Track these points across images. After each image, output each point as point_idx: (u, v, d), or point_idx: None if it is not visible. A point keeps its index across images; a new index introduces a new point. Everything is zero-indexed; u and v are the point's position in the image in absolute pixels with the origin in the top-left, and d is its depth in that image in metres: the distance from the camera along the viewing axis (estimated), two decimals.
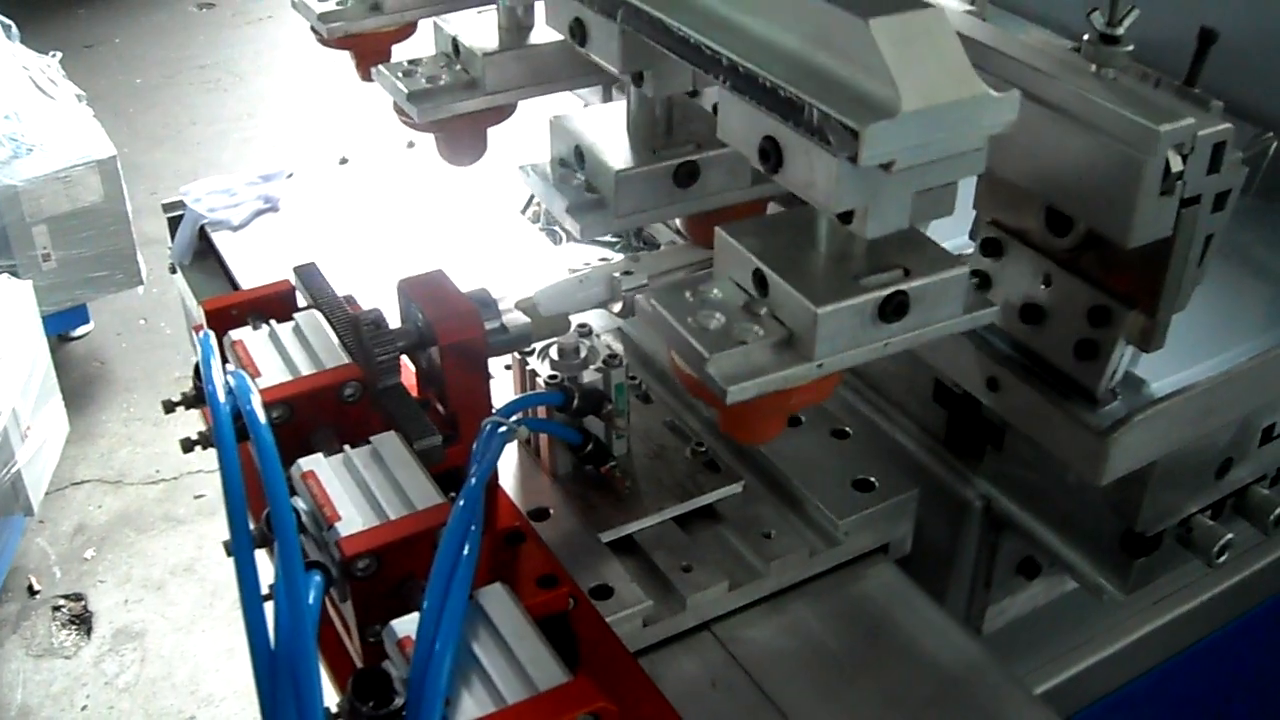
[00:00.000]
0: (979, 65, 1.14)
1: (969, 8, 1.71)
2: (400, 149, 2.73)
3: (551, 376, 1.81)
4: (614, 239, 2.44)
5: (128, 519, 4.88)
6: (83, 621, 4.47)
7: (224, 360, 1.50)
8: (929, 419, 1.86)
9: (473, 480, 1.30)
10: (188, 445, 1.54)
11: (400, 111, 1.93)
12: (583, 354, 1.83)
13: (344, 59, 2.14)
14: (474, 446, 1.42)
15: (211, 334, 1.53)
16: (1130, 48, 1.36)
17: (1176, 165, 1.27)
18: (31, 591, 4.55)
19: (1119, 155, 1.29)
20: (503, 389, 1.85)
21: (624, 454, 1.87)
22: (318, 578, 1.23)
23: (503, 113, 1.97)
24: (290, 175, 2.64)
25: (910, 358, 1.72)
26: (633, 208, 1.58)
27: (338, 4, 2.02)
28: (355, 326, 1.56)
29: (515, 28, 1.91)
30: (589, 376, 1.80)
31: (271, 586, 1.20)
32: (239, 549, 1.22)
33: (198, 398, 1.57)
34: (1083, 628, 2.00)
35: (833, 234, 1.29)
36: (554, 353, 1.84)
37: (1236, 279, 1.71)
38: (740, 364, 1.24)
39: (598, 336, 1.85)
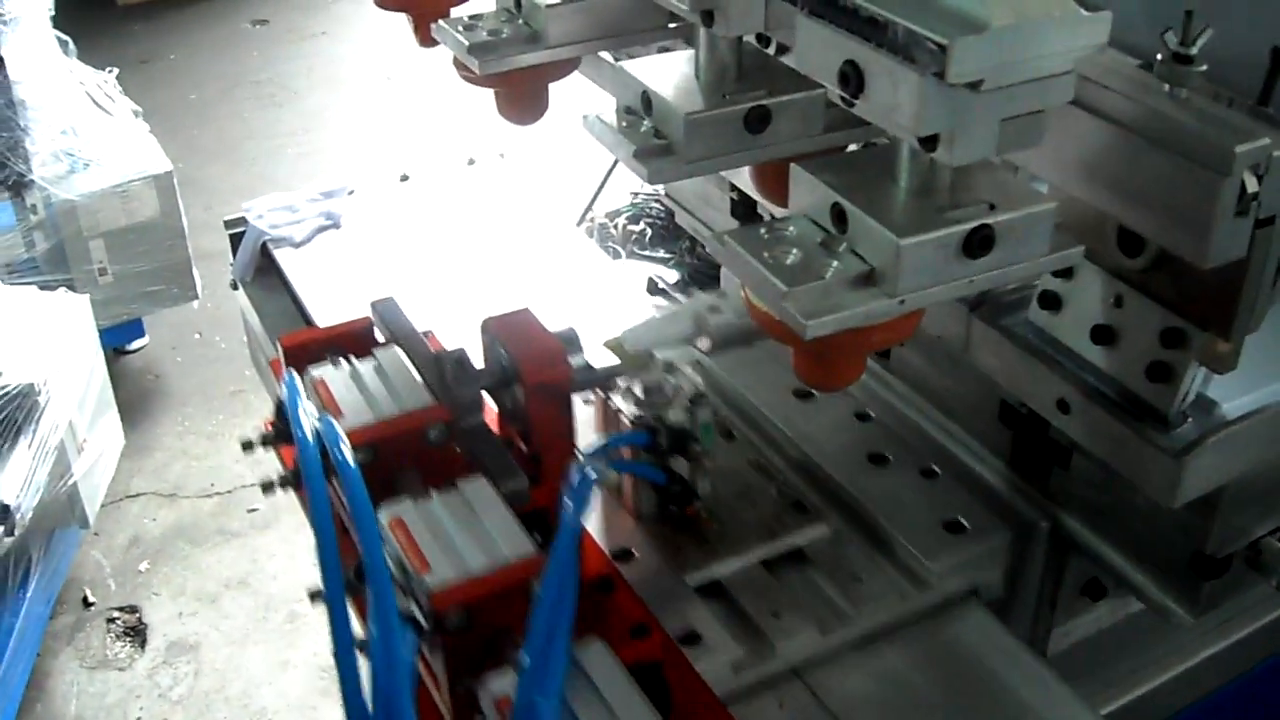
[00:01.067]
0: None
1: None
2: (460, 166, 2.73)
3: (637, 416, 1.76)
4: (668, 254, 2.44)
5: (182, 532, 4.91)
6: (137, 634, 4.51)
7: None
8: (993, 439, 1.85)
9: (566, 536, 1.29)
10: (268, 486, 1.54)
11: (461, 66, 1.92)
12: (668, 392, 1.78)
13: (401, 73, 2.15)
14: (562, 495, 1.39)
15: (296, 376, 1.52)
16: (1204, 67, 1.34)
17: (1252, 186, 1.26)
18: (86, 603, 4.58)
19: (1194, 176, 1.28)
20: (582, 425, 1.82)
21: (708, 494, 1.81)
22: (411, 634, 1.21)
23: (565, 67, 1.97)
24: (352, 192, 2.65)
25: (977, 378, 1.71)
26: (702, 153, 1.55)
27: None
28: (438, 364, 1.57)
29: None
30: (674, 415, 1.75)
31: (362, 642, 1.19)
32: (333, 600, 1.22)
33: (278, 437, 1.56)
34: (1147, 649, 1.99)
35: (915, 166, 1.28)
36: (638, 390, 1.79)
37: None
38: (819, 299, 1.22)
39: (680, 373, 1.83)
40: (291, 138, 7.77)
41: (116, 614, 4.57)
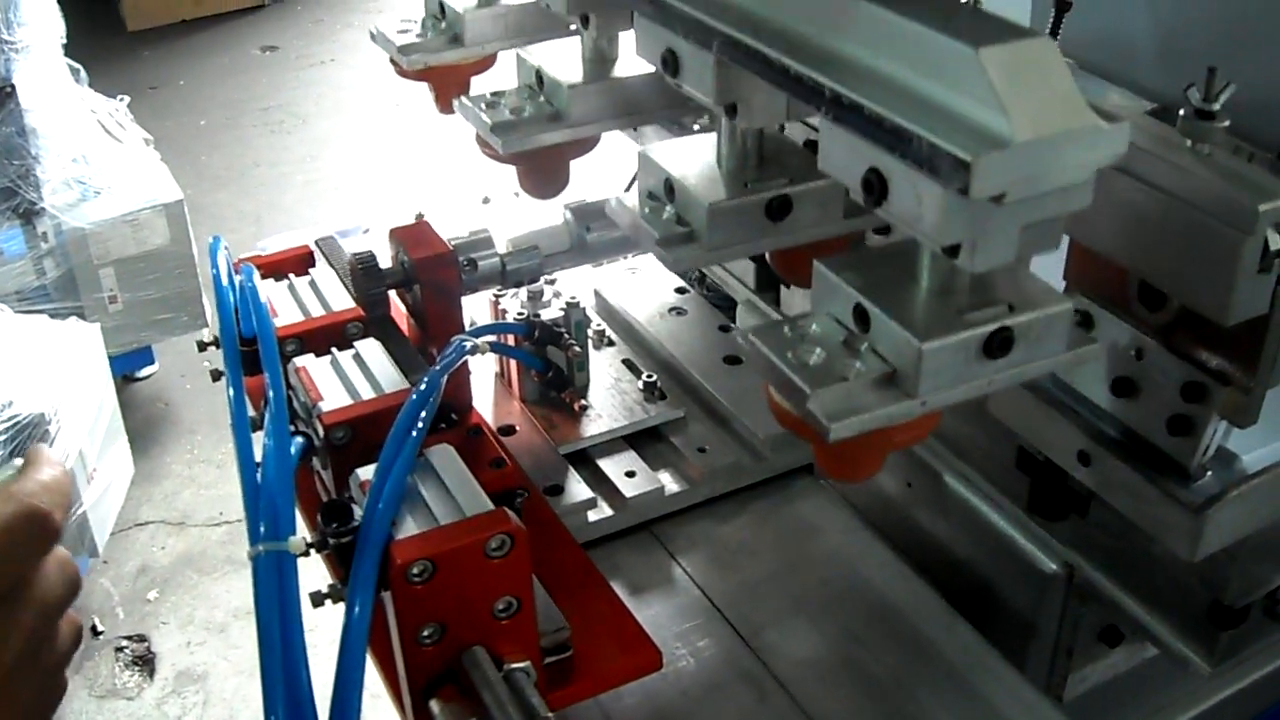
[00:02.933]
0: None
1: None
2: (474, 203, 2.76)
3: (519, 314, 2.13)
4: (678, 291, 2.48)
5: (191, 561, 4.95)
6: (145, 663, 4.55)
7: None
8: (1010, 486, 1.87)
9: (436, 368, 1.56)
10: (217, 375, 1.87)
11: (483, 143, 1.96)
12: (547, 298, 2.17)
13: (410, 101, 2.22)
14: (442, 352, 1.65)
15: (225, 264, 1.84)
16: (1226, 123, 1.36)
17: (1275, 243, 1.27)
18: (95, 632, 4.63)
19: (1217, 233, 1.29)
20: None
21: (583, 383, 2.16)
22: (300, 440, 1.56)
23: (585, 145, 2.00)
24: (367, 230, 2.67)
25: (995, 426, 1.73)
26: (724, 241, 1.57)
27: (417, 36, 2.07)
28: (352, 268, 1.89)
29: (599, 59, 1.93)
30: (550, 315, 2.11)
31: (264, 445, 1.50)
32: (239, 429, 1.60)
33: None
34: (1161, 693, 2.01)
35: (936, 268, 1.28)
36: (524, 295, 2.17)
37: None
38: (842, 400, 1.23)
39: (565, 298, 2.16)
40: (299, 165, 7.84)
41: (125, 643, 4.61)
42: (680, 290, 2.45)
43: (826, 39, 1.28)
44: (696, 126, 2.16)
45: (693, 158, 1.62)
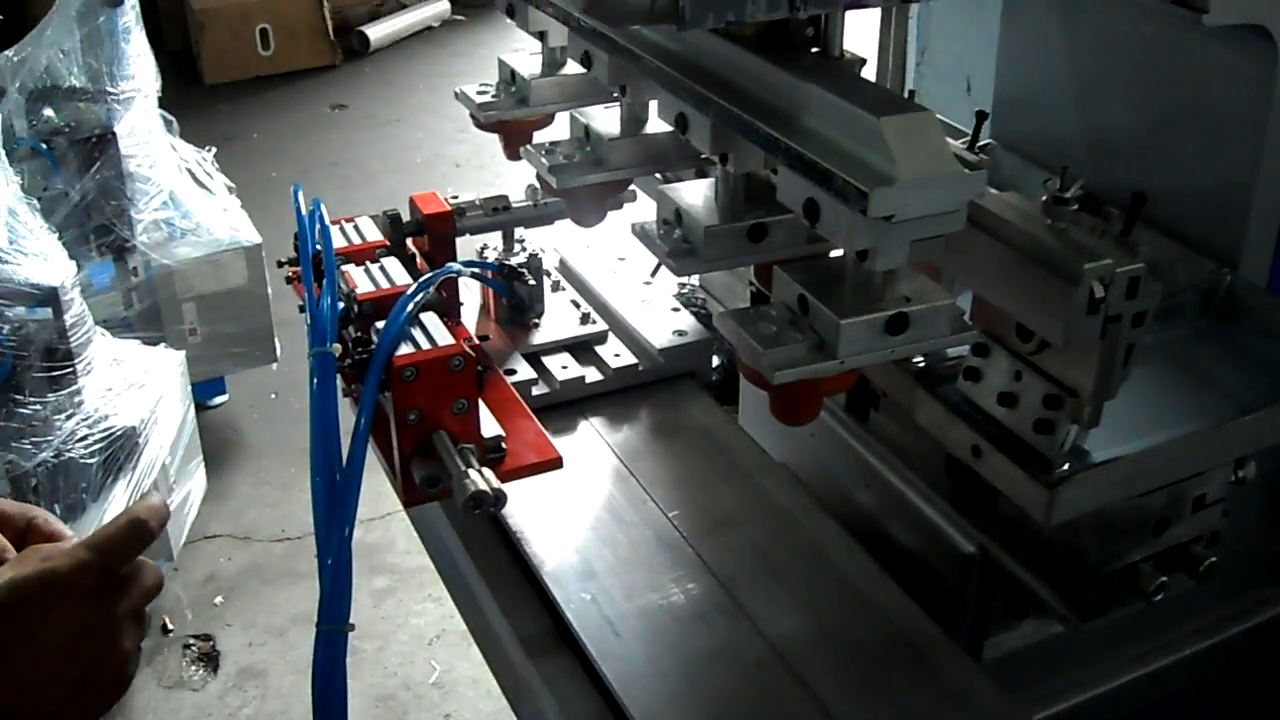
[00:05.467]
0: (971, 217, 1.64)
1: (974, 157, 2.14)
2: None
3: (495, 256, 2.78)
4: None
5: (255, 571, 5.23)
6: (210, 660, 4.84)
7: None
8: (940, 484, 2.23)
9: (424, 281, 2.08)
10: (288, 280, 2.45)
11: (542, 181, 2.51)
12: (516, 249, 2.78)
13: (469, 161, 2.66)
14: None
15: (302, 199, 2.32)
16: (1075, 207, 1.79)
17: (1099, 293, 1.67)
18: (165, 630, 4.93)
19: (1058, 285, 1.70)
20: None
21: (540, 310, 2.81)
22: (341, 303, 2.09)
23: (621, 186, 2.54)
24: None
25: (929, 439, 2.09)
26: (716, 256, 2.04)
27: (492, 97, 2.60)
28: (385, 219, 2.48)
29: (633, 120, 2.44)
30: (517, 260, 2.75)
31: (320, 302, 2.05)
32: (313, 310, 2.06)
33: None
34: (1072, 671, 2.35)
35: (855, 271, 1.75)
36: (500, 244, 2.78)
37: (1186, 382, 2.10)
38: (785, 358, 1.72)
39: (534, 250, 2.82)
40: None
41: (192, 641, 4.91)
42: (621, 259, 3.12)
43: (785, 108, 1.76)
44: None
45: (696, 194, 2.09)
